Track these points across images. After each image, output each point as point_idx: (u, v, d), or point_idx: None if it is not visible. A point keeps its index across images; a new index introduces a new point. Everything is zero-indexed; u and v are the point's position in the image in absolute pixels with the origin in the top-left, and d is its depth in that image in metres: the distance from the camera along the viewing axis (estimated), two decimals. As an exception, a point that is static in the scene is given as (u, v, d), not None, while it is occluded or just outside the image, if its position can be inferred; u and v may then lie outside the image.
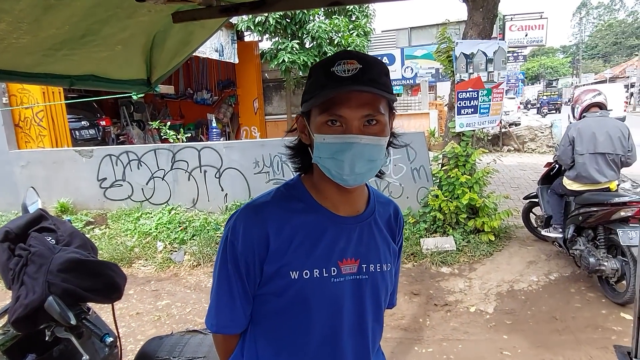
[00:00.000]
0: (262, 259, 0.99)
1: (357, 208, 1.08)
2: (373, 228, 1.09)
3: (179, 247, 5.51)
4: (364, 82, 0.90)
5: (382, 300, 1.11)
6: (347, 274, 1.03)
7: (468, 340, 3.40)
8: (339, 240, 1.02)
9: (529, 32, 13.40)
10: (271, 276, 0.99)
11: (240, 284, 1.01)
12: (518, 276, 4.47)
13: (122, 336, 3.65)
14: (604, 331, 3.44)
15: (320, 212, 1.03)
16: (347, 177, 0.94)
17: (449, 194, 5.28)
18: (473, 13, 5.26)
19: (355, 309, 1.05)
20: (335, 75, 0.91)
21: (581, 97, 4.38)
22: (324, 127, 0.93)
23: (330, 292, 1.01)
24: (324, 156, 0.95)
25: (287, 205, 1.03)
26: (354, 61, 0.91)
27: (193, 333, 1.92)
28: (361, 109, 0.92)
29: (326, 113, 0.92)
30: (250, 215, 1.01)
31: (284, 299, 1.00)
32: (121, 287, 1.79)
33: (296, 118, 1.05)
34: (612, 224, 3.82)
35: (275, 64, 11.09)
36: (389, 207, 1.17)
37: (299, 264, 0.99)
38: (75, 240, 1.88)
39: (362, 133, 0.92)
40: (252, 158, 6.27)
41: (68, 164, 6.74)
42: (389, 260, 1.11)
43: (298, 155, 1.08)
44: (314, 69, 0.99)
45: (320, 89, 0.92)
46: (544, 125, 13.64)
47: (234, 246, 0.99)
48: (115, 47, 1.63)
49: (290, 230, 1.00)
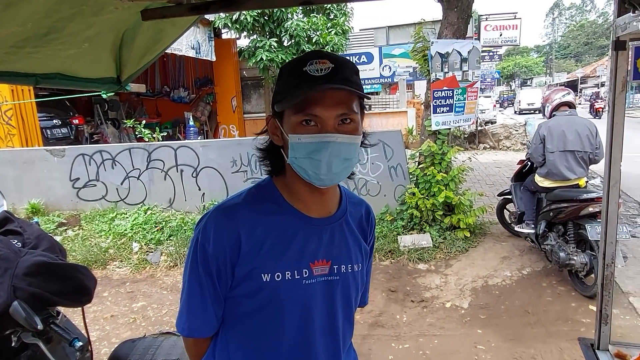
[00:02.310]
0: (234, 261, 0.98)
1: (329, 209, 1.08)
2: (344, 229, 1.09)
3: (155, 247, 5.43)
4: (338, 81, 0.90)
5: (353, 300, 1.11)
6: (319, 275, 1.03)
7: (444, 336, 3.46)
8: (310, 241, 1.02)
9: (504, 32, 13.64)
10: (243, 278, 0.99)
11: (212, 286, 1.00)
12: (492, 271, 4.57)
13: (96, 339, 3.59)
14: (574, 323, 3.54)
15: (291, 214, 1.02)
16: (324, 177, 0.94)
17: (425, 192, 5.34)
18: (448, 13, 5.34)
19: (326, 310, 1.05)
20: (308, 75, 0.90)
21: (551, 97, 4.50)
22: (298, 127, 0.92)
23: (302, 294, 1.01)
24: (299, 156, 0.94)
25: (258, 206, 1.02)
26: (326, 60, 0.91)
27: (166, 335, 1.89)
28: (336, 108, 0.91)
29: (301, 113, 0.91)
30: (221, 217, 1.00)
31: (256, 301, 1.00)
32: (91, 290, 1.75)
33: (267, 119, 1.04)
34: (581, 219, 3.93)
35: (254, 62, 11.03)
36: (361, 207, 1.17)
37: (270, 266, 0.98)
38: (42, 243, 1.83)
39: (337, 132, 0.92)
40: (230, 157, 6.22)
41: (39, 164, 6.55)
42: (359, 260, 1.11)
43: (270, 157, 1.07)
44: (285, 69, 0.98)
45: (295, 89, 0.91)
46: (519, 123, 13.95)
47: (205, 248, 0.98)
48: (81, 45, 1.59)
49: (261, 231, 0.99)
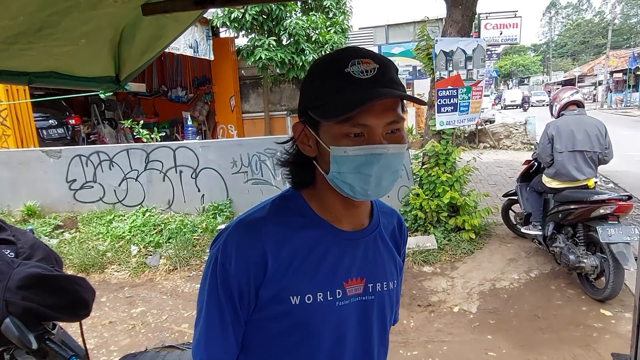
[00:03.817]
0: (258, 283, 0.86)
1: (362, 221, 0.96)
2: (378, 242, 0.98)
3: (154, 250, 5.31)
4: (386, 84, 0.79)
5: (388, 320, 1.01)
6: (353, 295, 0.91)
7: (453, 342, 3.36)
8: (343, 258, 0.91)
9: (504, 30, 13.58)
10: (268, 301, 0.87)
11: (232, 310, 0.88)
12: (499, 274, 4.48)
13: (94, 347, 3.49)
14: (585, 328, 3.45)
15: (322, 228, 0.91)
16: (372, 192, 0.83)
17: (429, 193, 5.25)
18: (452, 10, 5.24)
19: (361, 334, 0.94)
20: (353, 77, 0.79)
21: (559, 95, 4.40)
22: (345, 138, 0.81)
23: (335, 317, 0.89)
24: (345, 171, 0.82)
25: (285, 220, 0.90)
26: (370, 60, 0.80)
27: (169, 349, 1.78)
28: (386, 116, 0.81)
29: (348, 123, 0.79)
30: (244, 233, 0.88)
31: (282, 325, 0.88)
32: (89, 303, 1.64)
33: (295, 127, 0.92)
34: (592, 221, 3.85)
35: (252, 61, 10.91)
36: (392, 218, 1.06)
37: (300, 287, 0.87)
38: (37, 253, 1.72)
39: (387, 142, 0.81)
40: (230, 157, 6.11)
41: (35, 165, 6.43)
42: (395, 276, 1.01)
43: (298, 169, 0.94)
44: (321, 70, 0.85)
45: (337, 94, 0.80)
46: (519, 122, 13.88)
47: (225, 269, 0.86)
48: (78, 41, 1.48)
49: (290, 249, 0.87)
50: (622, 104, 31.55)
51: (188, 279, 4.78)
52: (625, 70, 30.88)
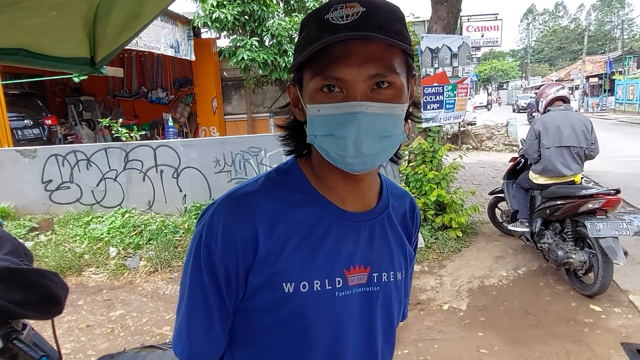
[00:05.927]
0: (248, 266, 0.75)
1: (368, 201, 0.85)
2: (386, 227, 0.87)
3: (134, 252, 5.12)
4: (369, 29, 0.66)
5: (395, 316, 0.89)
6: (355, 285, 0.81)
7: (444, 340, 3.29)
8: (345, 242, 0.80)
9: (485, 32, 13.75)
10: (259, 287, 0.76)
11: (219, 296, 0.77)
12: (488, 271, 4.44)
13: (71, 352, 3.31)
14: (576, 324, 3.42)
15: (323, 206, 0.80)
16: (352, 160, 0.71)
17: (416, 191, 5.20)
18: (437, 7, 5.23)
19: (363, 329, 0.83)
20: (330, 24, 0.67)
21: (545, 91, 4.41)
22: (318, 94, 0.70)
23: (334, 309, 0.79)
24: (319, 133, 0.72)
25: (280, 195, 0.79)
26: (355, 4, 0.67)
27: (150, 349, 1.66)
28: (366, 67, 0.68)
29: (320, 76, 0.69)
30: (233, 209, 0.77)
31: (275, 316, 0.77)
32: (61, 299, 1.51)
33: (288, 88, 0.82)
34: (580, 216, 3.83)
35: (234, 61, 10.75)
36: (405, 200, 0.94)
37: (295, 273, 0.76)
38: (5, 246, 1.58)
39: (369, 99, 0.69)
40: (212, 157, 5.97)
41: (8, 165, 6.17)
42: (403, 266, 0.89)
43: (292, 136, 0.84)
44: (305, 21, 0.75)
45: (311, 43, 0.68)
46: (500, 124, 14.03)
47: (211, 249, 0.75)
48: (48, 13, 1.36)
49: (285, 228, 0.77)
50: (599, 107, 32.36)
51: (169, 280, 4.61)
52: (601, 75, 31.71)
